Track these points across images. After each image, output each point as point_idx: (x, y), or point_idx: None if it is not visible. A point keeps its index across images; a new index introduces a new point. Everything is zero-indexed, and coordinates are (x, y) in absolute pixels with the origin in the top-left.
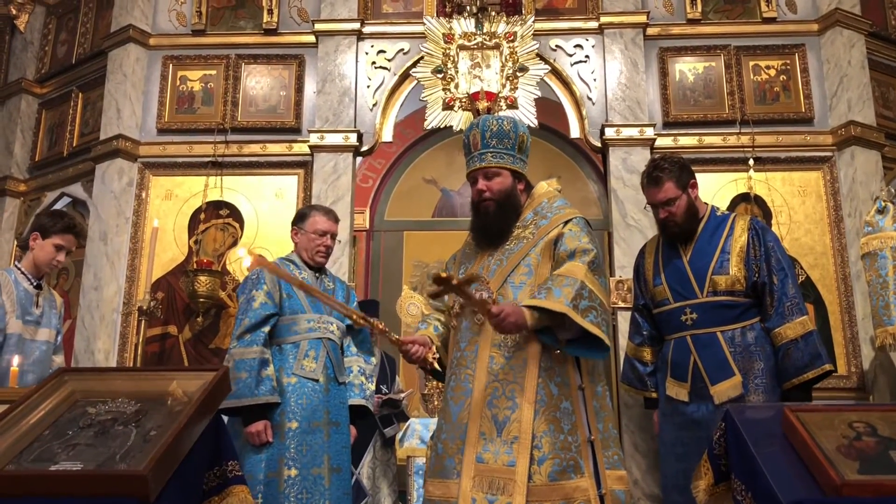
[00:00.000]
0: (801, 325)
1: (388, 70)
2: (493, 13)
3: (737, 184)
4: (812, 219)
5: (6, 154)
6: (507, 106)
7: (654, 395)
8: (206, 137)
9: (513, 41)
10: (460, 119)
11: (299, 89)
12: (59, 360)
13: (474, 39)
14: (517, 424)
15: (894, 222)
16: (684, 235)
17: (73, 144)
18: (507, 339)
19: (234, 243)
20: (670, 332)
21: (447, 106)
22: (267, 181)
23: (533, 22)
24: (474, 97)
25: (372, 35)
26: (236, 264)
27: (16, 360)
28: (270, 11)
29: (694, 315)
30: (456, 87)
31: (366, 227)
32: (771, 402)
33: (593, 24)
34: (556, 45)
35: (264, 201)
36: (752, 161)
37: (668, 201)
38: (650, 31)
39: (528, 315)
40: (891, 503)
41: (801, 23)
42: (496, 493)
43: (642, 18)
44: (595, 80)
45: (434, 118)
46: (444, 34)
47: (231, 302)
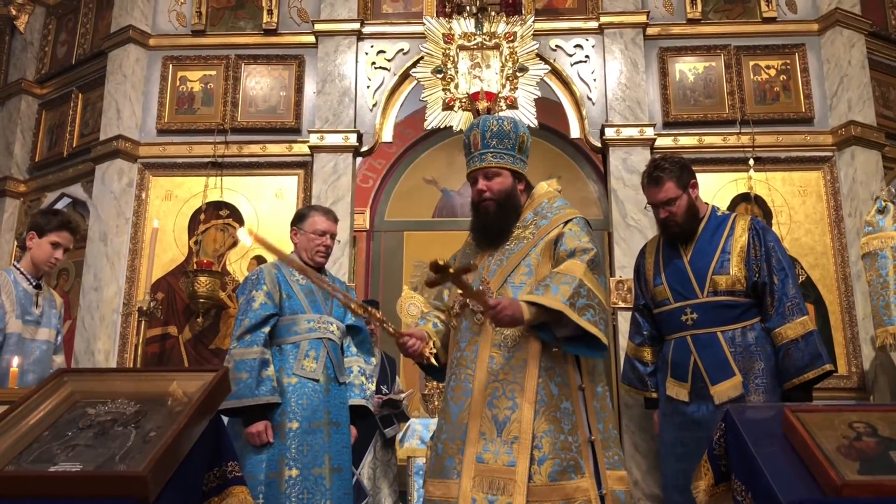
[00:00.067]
0: (802, 325)
1: (388, 70)
2: (492, 13)
3: (737, 184)
4: (812, 219)
5: (6, 155)
6: (506, 106)
7: (655, 396)
8: (206, 138)
9: (513, 41)
10: (460, 119)
11: (299, 90)
12: (60, 360)
13: (474, 39)
14: (517, 424)
15: (894, 222)
16: (685, 235)
17: (73, 145)
18: (507, 340)
19: (234, 244)
20: (670, 332)
21: (447, 106)
22: (267, 182)
23: (533, 22)
24: (474, 97)
25: (372, 35)
26: (236, 265)
27: (15, 361)
28: (270, 12)
29: (694, 315)
30: (456, 87)
31: (366, 227)
32: (771, 402)
33: (593, 24)
34: (556, 45)
35: (264, 202)
36: (752, 161)
37: (669, 201)
38: (650, 30)
39: (525, 309)
40: (891, 503)
41: (802, 22)
42: (496, 494)
43: (642, 18)
44: (595, 80)
45: (434, 118)
46: (443, 34)
47: (231, 302)
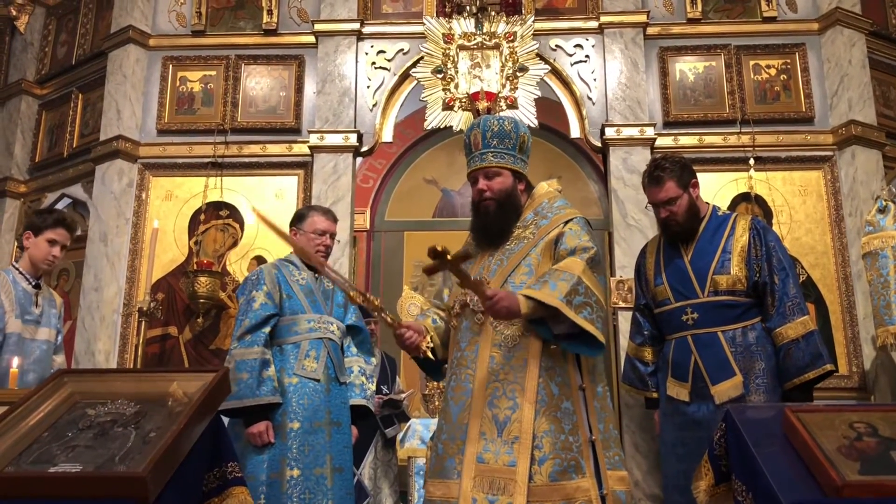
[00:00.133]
0: (803, 325)
1: (388, 70)
2: (492, 13)
3: (737, 183)
4: (813, 218)
5: (6, 155)
6: (507, 106)
7: (655, 395)
8: (206, 138)
9: (513, 41)
10: (460, 119)
11: (299, 90)
12: (60, 359)
13: (474, 39)
14: (518, 424)
15: (895, 221)
16: (685, 235)
17: (73, 145)
18: (507, 339)
19: (235, 244)
20: (671, 332)
21: (447, 106)
22: (267, 182)
23: (533, 22)
24: (474, 97)
25: (372, 35)
26: (236, 265)
27: (15, 362)
28: (270, 12)
29: (695, 315)
30: (456, 87)
31: (366, 227)
32: (772, 402)
33: (593, 24)
34: (556, 45)
35: (264, 202)
36: (752, 161)
37: (670, 201)
38: (650, 30)
39: (522, 303)
40: (892, 503)
41: (802, 22)
42: (497, 494)
43: (642, 18)
44: (595, 79)
45: (434, 118)
46: (443, 34)
47: (231, 303)
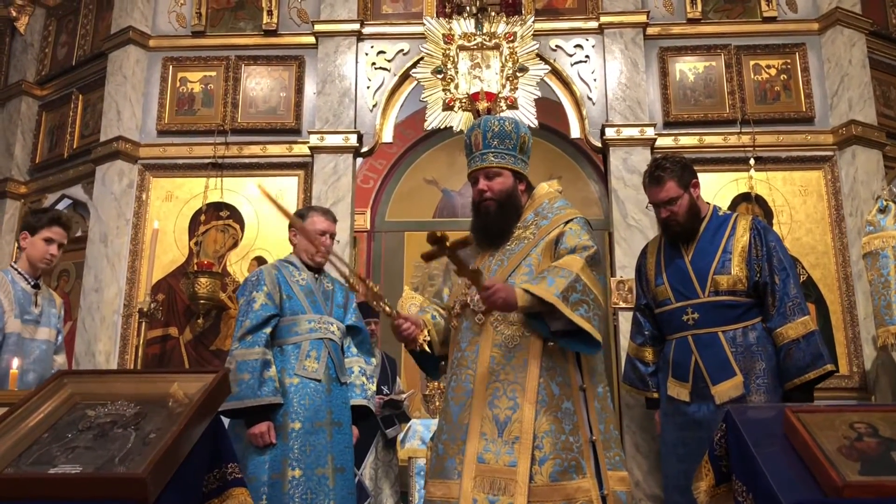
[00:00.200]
0: (803, 325)
1: (388, 71)
2: (492, 13)
3: (737, 183)
4: (813, 218)
5: (6, 156)
6: (507, 106)
7: (656, 396)
8: (207, 139)
9: (513, 41)
10: (460, 119)
11: (299, 90)
12: (61, 359)
13: (474, 40)
14: (518, 424)
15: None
16: (686, 235)
17: (74, 146)
18: (507, 340)
19: (235, 245)
20: (672, 332)
21: (447, 106)
22: (267, 182)
23: (533, 22)
24: (474, 98)
25: (372, 36)
26: (237, 266)
27: (15, 363)
28: (270, 12)
29: (695, 315)
30: (456, 87)
31: (367, 227)
32: (772, 402)
33: (593, 24)
34: (556, 45)
35: (265, 203)
36: (752, 161)
37: (670, 201)
38: (650, 30)
39: (519, 295)
40: None
41: (802, 22)
42: (497, 494)
43: (642, 18)
44: (595, 80)
45: (434, 119)
46: (443, 35)
47: (231, 303)
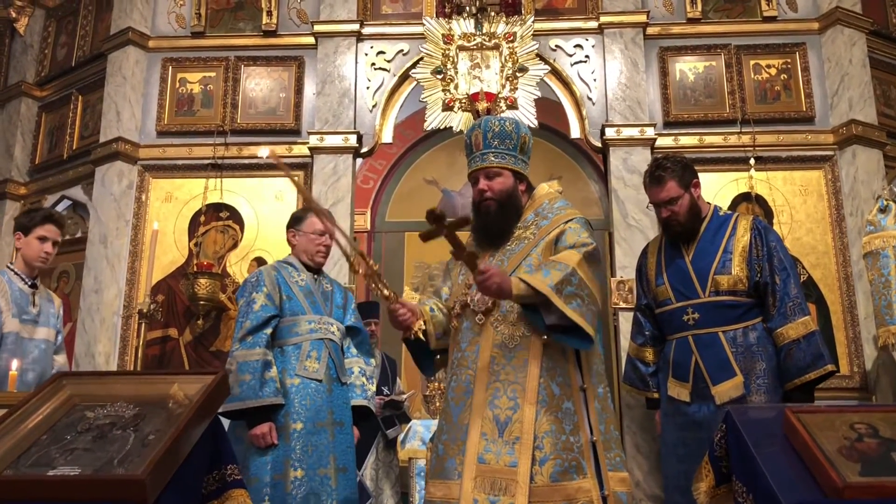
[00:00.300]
0: (804, 326)
1: (388, 71)
2: (492, 13)
3: (738, 183)
4: (814, 218)
5: (6, 157)
6: (506, 106)
7: (656, 396)
8: (206, 139)
9: (512, 41)
10: (460, 120)
11: (299, 91)
12: (62, 359)
13: (474, 40)
14: (519, 425)
15: None
16: (687, 235)
17: (73, 147)
18: (508, 340)
19: (234, 246)
20: (672, 332)
21: (447, 107)
22: (267, 183)
23: (532, 22)
24: (474, 98)
25: (371, 36)
26: (236, 266)
27: (14, 364)
28: (269, 13)
29: (696, 315)
30: (455, 87)
31: (367, 228)
32: (773, 402)
33: (593, 24)
34: (556, 45)
35: (264, 203)
36: (753, 160)
37: (671, 200)
38: (650, 30)
39: (514, 283)
40: None
41: (802, 21)
42: (498, 494)
43: (642, 18)
44: (595, 80)
45: (434, 119)
46: (443, 35)
47: (231, 304)
